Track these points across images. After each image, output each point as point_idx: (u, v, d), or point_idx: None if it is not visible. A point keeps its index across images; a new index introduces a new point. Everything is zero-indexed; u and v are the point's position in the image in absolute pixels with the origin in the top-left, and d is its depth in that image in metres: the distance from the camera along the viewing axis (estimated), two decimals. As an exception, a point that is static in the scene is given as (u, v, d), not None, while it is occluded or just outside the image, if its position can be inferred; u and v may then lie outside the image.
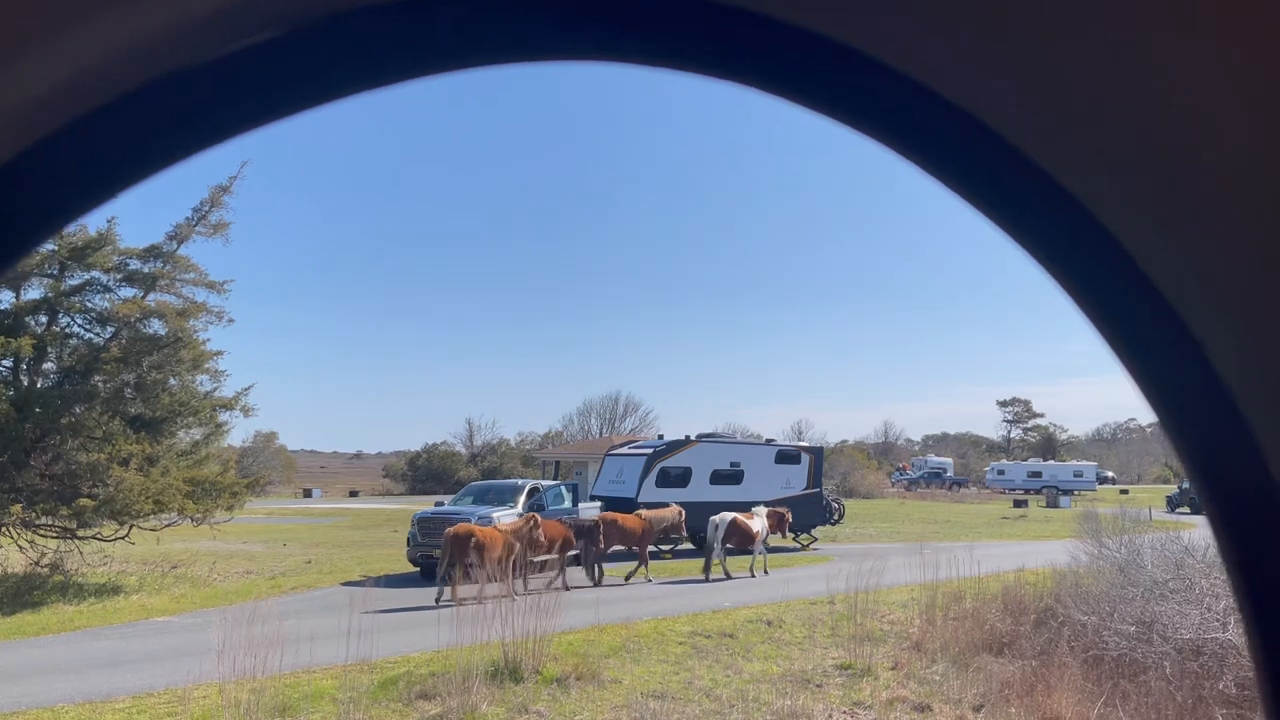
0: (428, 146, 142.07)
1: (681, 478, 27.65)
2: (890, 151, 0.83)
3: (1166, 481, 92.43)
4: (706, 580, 20.13)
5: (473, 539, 16.49)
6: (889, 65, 0.78)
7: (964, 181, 0.84)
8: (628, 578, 20.20)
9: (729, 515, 20.99)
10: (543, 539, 18.15)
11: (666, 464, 27.63)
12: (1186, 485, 58.42)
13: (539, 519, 18.62)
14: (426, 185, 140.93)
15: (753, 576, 20.96)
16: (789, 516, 24.23)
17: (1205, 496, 0.85)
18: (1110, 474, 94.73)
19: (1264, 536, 0.82)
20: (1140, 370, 0.85)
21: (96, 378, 19.67)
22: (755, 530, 21.22)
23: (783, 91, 0.81)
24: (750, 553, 21.63)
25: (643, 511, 21.79)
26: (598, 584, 19.23)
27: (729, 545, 20.88)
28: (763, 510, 22.57)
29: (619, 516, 20.92)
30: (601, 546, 19.68)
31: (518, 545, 17.12)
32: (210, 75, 0.75)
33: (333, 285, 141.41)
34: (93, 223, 20.50)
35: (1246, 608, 0.84)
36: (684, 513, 22.55)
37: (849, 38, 0.77)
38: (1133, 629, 11.39)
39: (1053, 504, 59.92)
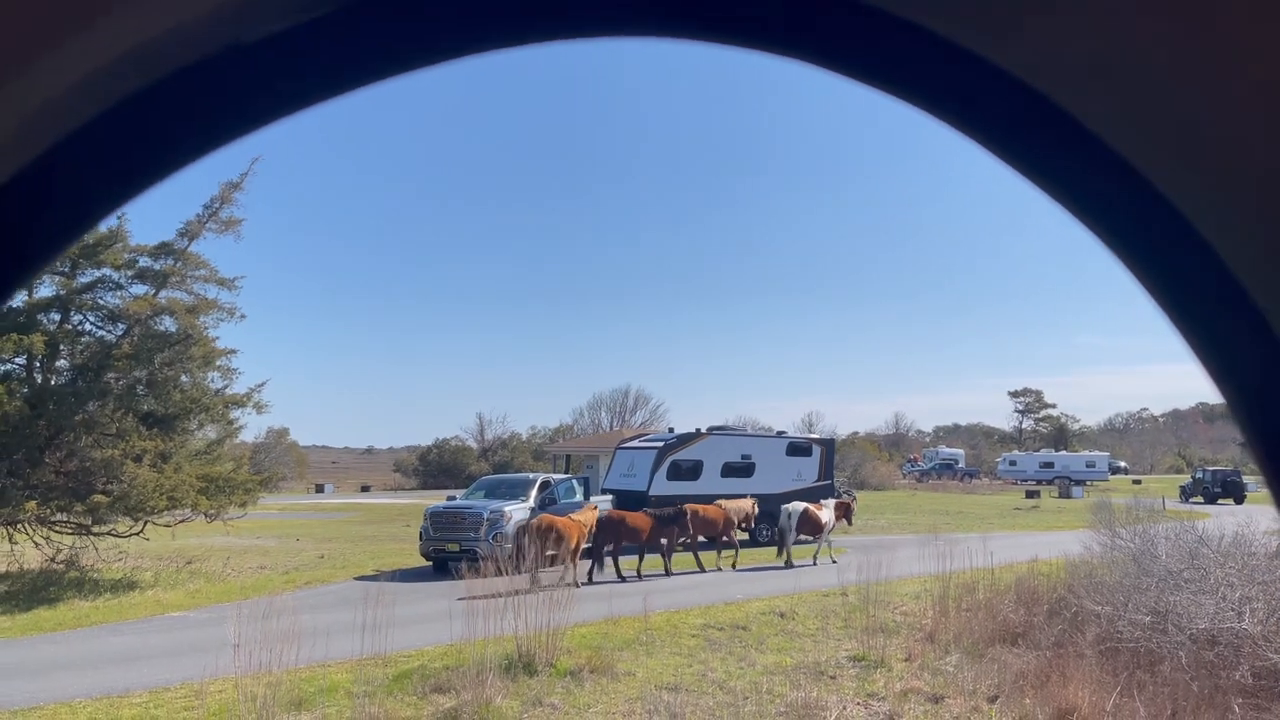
0: (439, 142, 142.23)
1: (693, 471, 27.62)
2: (951, 128, 0.81)
3: (1180, 471, 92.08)
4: (788, 567, 21.20)
5: (623, 524, 19.14)
6: (937, 33, 0.76)
7: (1025, 159, 0.82)
8: (718, 565, 21.58)
9: (801, 505, 22.62)
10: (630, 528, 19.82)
11: (677, 457, 27.60)
12: (1200, 475, 58.41)
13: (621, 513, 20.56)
14: (438, 181, 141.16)
15: (814, 564, 22.02)
16: (855, 505, 25.20)
17: (1272, 483, 0.83)
18: (1123, 464, 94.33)
19: None
20: (1206, 349, 0.83)
21: (109, 375, 19.75)
22: (824, 520, 22.65)
23: (824, 61, 0.80)
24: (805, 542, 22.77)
25: (722, 502, 23.07)
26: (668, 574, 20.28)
27: (802, 535, 22.33)
28: (830, 502, 24.07)
29: (700, 507, 21.87)
30: (691, 535, 20.93)
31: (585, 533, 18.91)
32: (236, 63, 0.74)
33: (345, 281, 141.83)
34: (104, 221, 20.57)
35: None
36: (757, 504, 24.14)
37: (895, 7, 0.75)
38: (1147, 619, 11.35)
39: (1065, 494, 59.68)
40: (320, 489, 74.08)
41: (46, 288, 20.08)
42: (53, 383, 20.01)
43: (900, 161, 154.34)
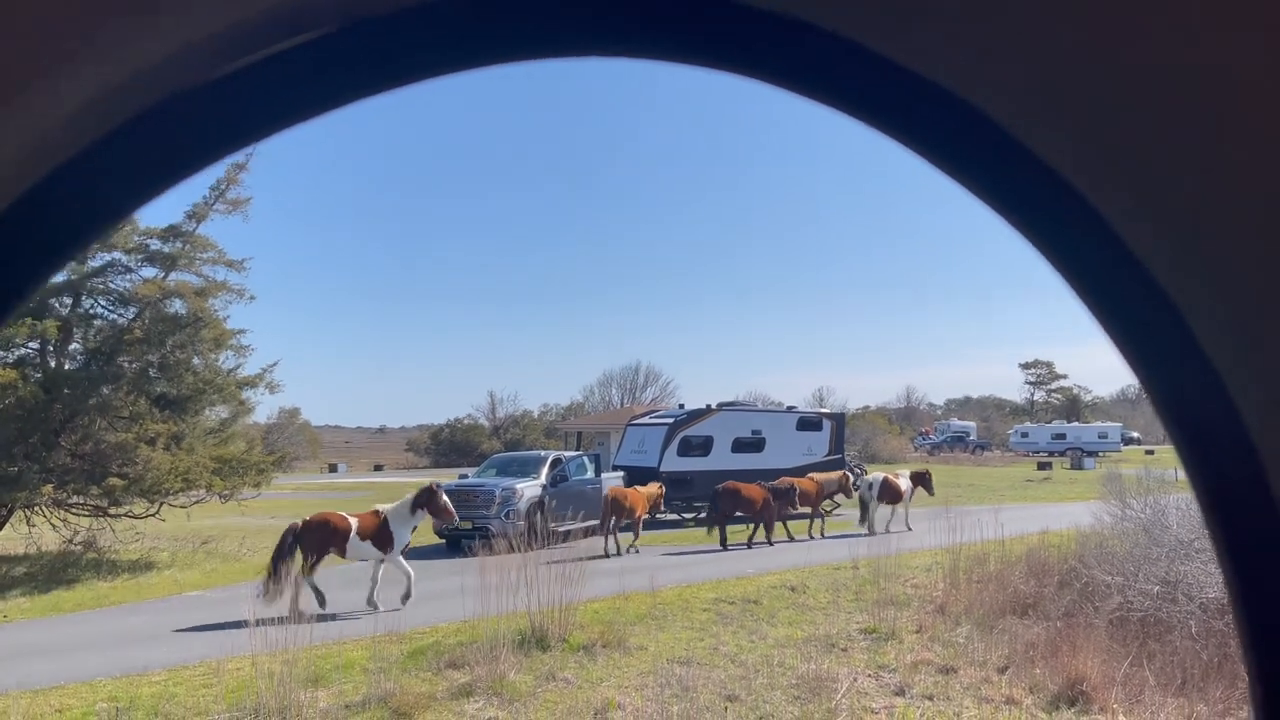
0: (451, 119, 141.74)
1: (703, 446, 27.68)
2: (888, 139, 0.84)
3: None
4: (870, 534, 21.46)
5: (739, 494, 20.64)
6: (878, 52, 0.79)
7: (960, 168, 0.85)
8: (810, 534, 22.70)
9: (880, 475, 24.43)
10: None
11: (688, 433, 27.66)
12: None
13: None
14: (449, 158, 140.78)
15: (909, 529, 22.77)
16: (929, 474, 26.06)
17: (1198, 489, 0.87)
18: (1135, 435, 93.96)
19: (1256, 532, 0.82)
20: (1136, 359, 0.86)
21: (122, 358, 19.88)
22: (903, 488, 24.07)
23: (783, 83, 0.83)
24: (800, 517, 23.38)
25: (815, 475, 24.37)
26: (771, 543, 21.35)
27: (883, 501, 23.72)
28: (906, 471, 25.59)
29: (798, 480, 22.97)
30: (796, 507, 22.11)
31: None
32: (230, 86, 0.76)
33: (356, 262, 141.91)
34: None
35: (1237, 606, 0.85)
36: (849, 476, 25.35)
37: (845, 29, 0.78)
38: (1158, 589, 11.37)
39: (1077, 466, 59.61)
40: (334, 469, 74.56)
41: (59, 273, 20.16)
42: (66, 367, 20.15)
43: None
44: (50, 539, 20.46)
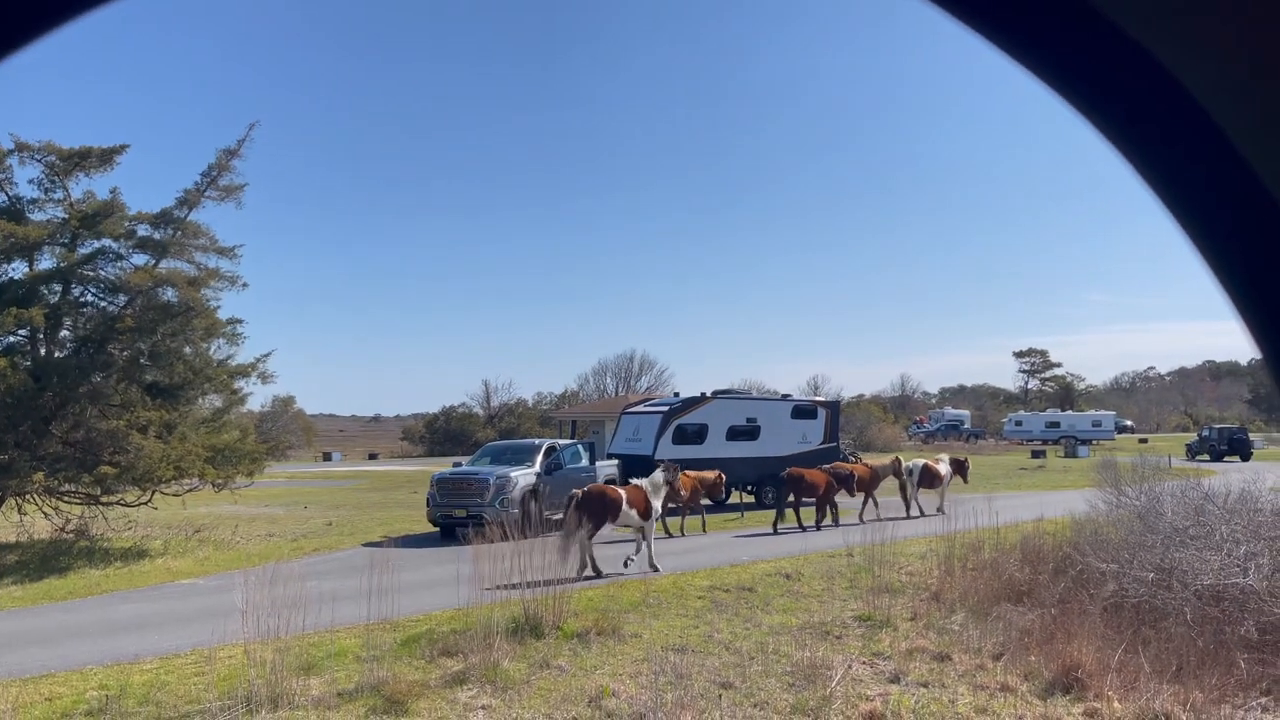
0: (441, 107, 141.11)
1: (698, 434, 27.64)
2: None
3: (1186, 429, 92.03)
4: (907, 517, 22.97)
5: (803, 480, 22.12)
6: None
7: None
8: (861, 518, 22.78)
9: (920, 461, 25.68)
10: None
11: (683, 421, 27.60)
12: (1206, 433, 58.39)
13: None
14: (441, 147, 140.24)
15: (942, 513, 23.05)
16: (967, 462, 27.23)
17: None
18: (1129, 423, 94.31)
19: None
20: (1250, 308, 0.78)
21: (112, 346, 19.76)
22: (942, 473, 25.28)
23: None
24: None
25: (869, 461, 25.79)
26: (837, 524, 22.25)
27: (922, 486, 24.92)
28: (946, 457, 26.68)
29: (855, 467, 24.49)
30: (854, 492, 23.56)
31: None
32: None
33: (350, 252, 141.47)
34: (98, 190, 20.50)
35: None
36: (899, 461, 25.84)
37: None
38: (1152, 576, 11.36)
39: (1071, 454, 59.79)
40: (328, 457, 74.45)
41: (47, 260, 20.04)
42: (56, 355, 20.02)
43: (901, 127, 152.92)
44: (42, 527, 20.38)
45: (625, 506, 15.51)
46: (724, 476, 23.77)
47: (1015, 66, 0.79)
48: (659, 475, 16.69)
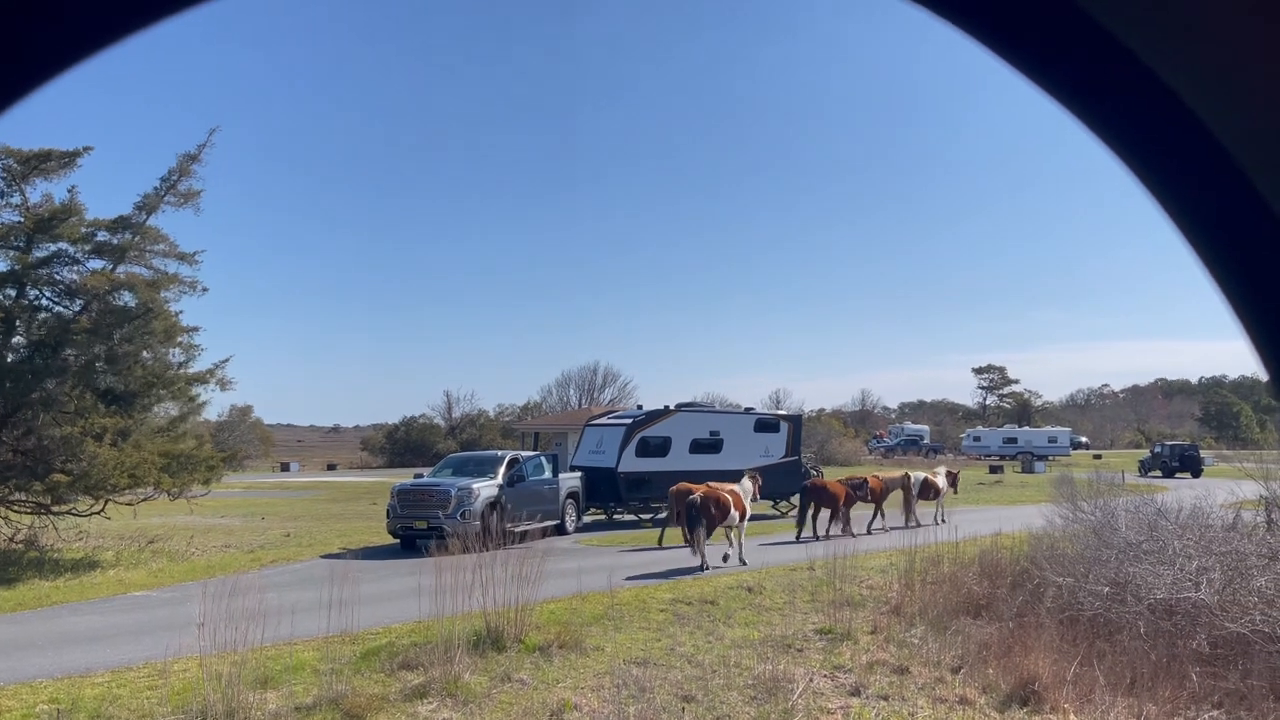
0: (405, 115, 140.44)
1: (661, 447, 27.66)
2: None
3: (1139, 446, 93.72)
4: (905, 527, 23.68)
5: (825, 491, 23.15)
6: None
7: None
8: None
9: (922, 474, 26.96)
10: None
11: (646, 434, 27.61)
12: (1159, 449, 59.52)
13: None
14: (403, 155, 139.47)
15: (942, 522, 23.55)
16: (959, 474, 28.63)
17: None
18: (1084, 439, 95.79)
19: None
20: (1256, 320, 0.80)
21: (67, 351, 19.36)
22: (941, 486, 26.63)
23: None
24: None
25: (879, 473, 26.62)
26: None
27: (923, 498, 25.94)
28: (943, 469, 27.98)
29: (869, 478, 25.29)
30: (868, 500, 24.42)
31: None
32: None
33: (310, 260, 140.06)
34: (56, 193, 20.13)
35: None
36: (908, 475, 26.55)
37: None
38: (1107, 590, 11.54)
39: (1028, 469, 60.59)
40: (286, 467, 73.48)
41: (1, 262, 19.62)
42: (9, 360, 19.57)
43: (862, 145, 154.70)
44: (-10, 537, 19.89)
45: (731, 509, 18.02)
46: (759, 478, 23.69)
47: (1014, 74, 0.81)
48: (747, 482, 19.31)
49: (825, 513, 23.14)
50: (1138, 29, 0.74)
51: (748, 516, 18.83)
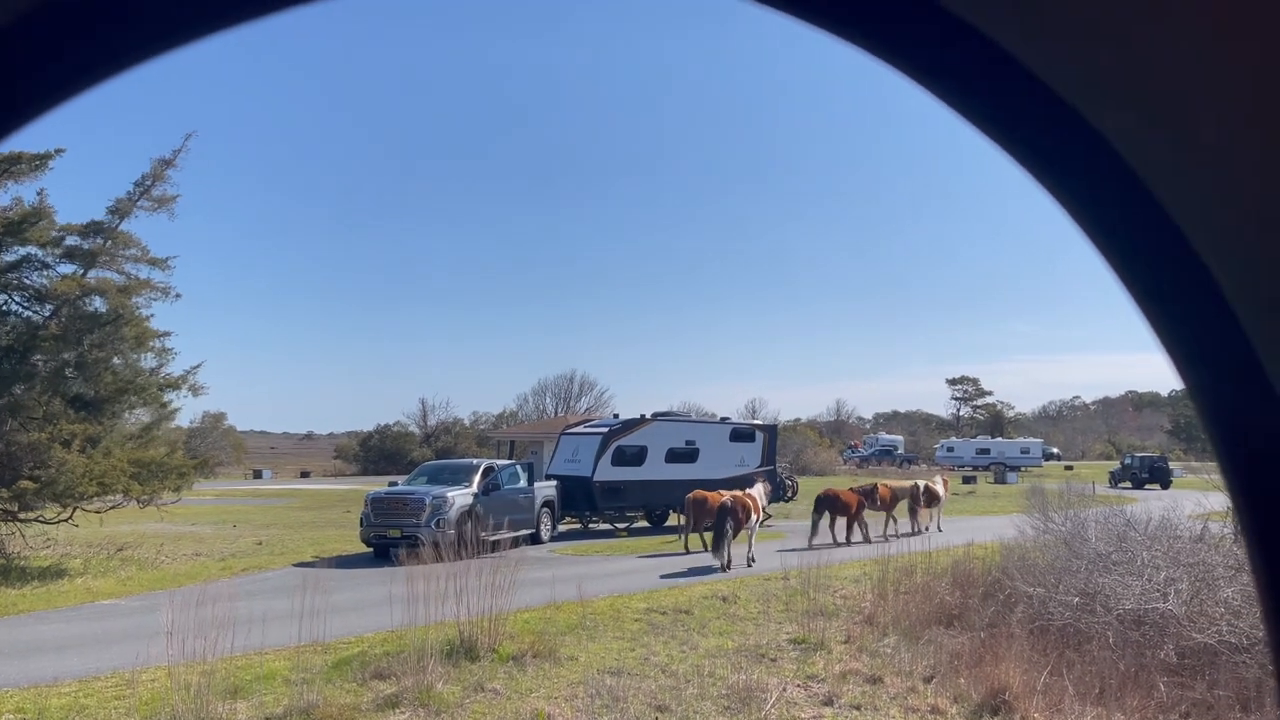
0: (379, 121, 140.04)
1: (637, 456, 27.68)
2: (908, 79, 0.81)
3: (1109, 457, 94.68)
4: (913, 533, 23.97)
5: (838, 499, 23.57)
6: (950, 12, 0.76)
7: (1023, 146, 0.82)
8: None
9: (923, 482, 27.78)
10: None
11: (622, 443, 27.63)
12: (1129, 461, 60.14)
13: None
14: (378, 161, 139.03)
15: (934, 530, 24.99)
16: (949, 482, 30.22)
17: (1226, 470, 0.83)
18: (1056, 450, 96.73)
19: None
20: (1174, 340, 0.83)
21: (36, 356, 19.12)
22: (940, 494, 27.66)
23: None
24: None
25: (888, 482, 27.47)
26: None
27: (925, 505, 26.73)
28: (939, 479, 29.30)
29: (878, 485, 26.02)
30: (877, 506, 25.03)
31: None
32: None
33: (283, 264, 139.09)
34: (26, 195, 19.89)
35: (1268, 597, 0.83)
36: (917, 485, 27.14)
37: None
38: (1077, 600, 11.65)
39: (1000, 480, 61.02)
40: (258, 475, 72.82)
41: (-32, 266, 19.36)
42: (-25, 365, 19.30)
43: (839, 155, 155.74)
44: (-46, 544, 19.56)
45: (752, 511, 19.48)
46: (768, 483, 24.45)
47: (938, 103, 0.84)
48: (760, 485, 21.27)
49: (841, 521, 23.59)
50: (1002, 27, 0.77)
51: (761, 520, 20.53)
